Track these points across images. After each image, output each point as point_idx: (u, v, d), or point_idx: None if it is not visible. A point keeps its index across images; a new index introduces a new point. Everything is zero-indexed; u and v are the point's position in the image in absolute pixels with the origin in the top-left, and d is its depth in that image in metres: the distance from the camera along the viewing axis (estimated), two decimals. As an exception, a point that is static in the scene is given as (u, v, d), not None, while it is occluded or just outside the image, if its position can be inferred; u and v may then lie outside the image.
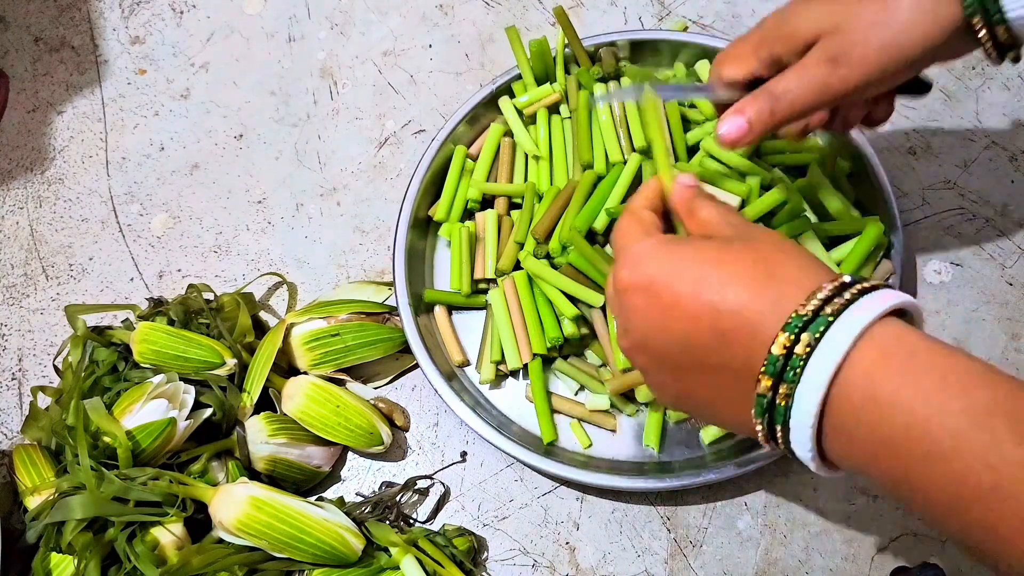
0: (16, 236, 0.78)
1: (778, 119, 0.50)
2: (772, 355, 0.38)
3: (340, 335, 0.66)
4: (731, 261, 0.41)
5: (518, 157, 0.72)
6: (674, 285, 0.42)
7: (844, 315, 0.37)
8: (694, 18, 0.78)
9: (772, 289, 0.39)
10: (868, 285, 0.38)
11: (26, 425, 0.67)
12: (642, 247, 0.44)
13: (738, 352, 0.40)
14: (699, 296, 0.41)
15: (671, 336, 0.42)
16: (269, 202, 0.77)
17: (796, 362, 0.37)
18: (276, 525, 0.57)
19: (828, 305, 0.37)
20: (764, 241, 0.42)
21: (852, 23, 0.47)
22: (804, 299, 0.38)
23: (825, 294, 0.38)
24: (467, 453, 0.66)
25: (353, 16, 0.83)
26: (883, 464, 0.37)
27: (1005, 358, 0.65)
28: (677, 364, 0.43)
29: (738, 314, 0.39)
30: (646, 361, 0.45)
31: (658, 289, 0.42)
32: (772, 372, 0.38)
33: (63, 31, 0.86)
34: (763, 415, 0.39)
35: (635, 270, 0.43)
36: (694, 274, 0.41)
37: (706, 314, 0.40)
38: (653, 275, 0.42)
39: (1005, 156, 0.71)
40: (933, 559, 0.59)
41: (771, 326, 0.38)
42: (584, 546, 0.63)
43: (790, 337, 0.37)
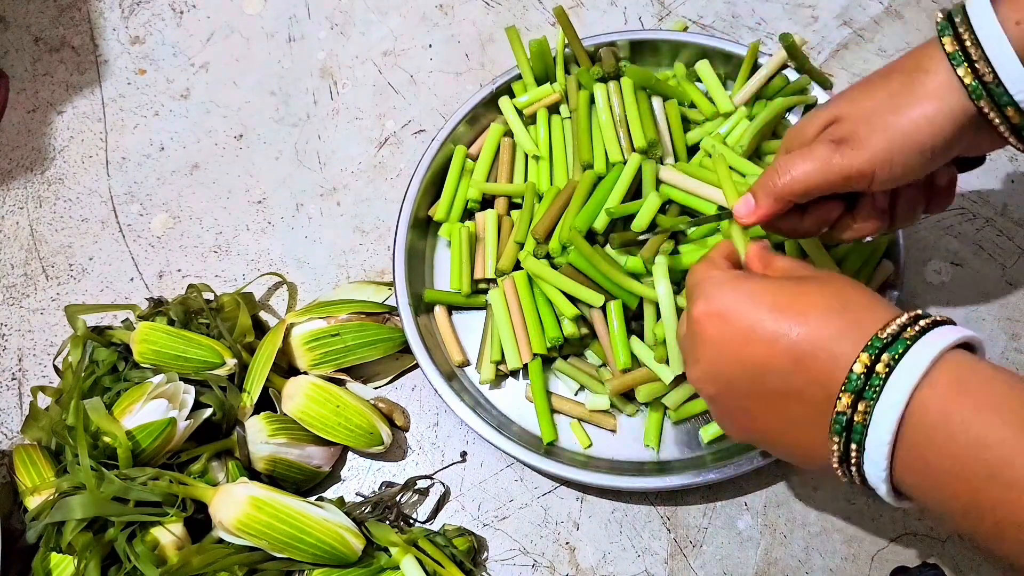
0: (16, 236, 0.78)
1: (781, 194, 0.50)
2: (853, 373, 0.39)
3: (340, 335, 0.66)
4: (806, 293, 0.43)
5: (518, 157, 0.72)
6: (750, 312, 0.43)
7: (921, 340, 0.39)
8: (694, 18, 0.78)
9: (848, 318, 0.41)
10: (940, 318, 0.41)
11: (26, 425, 0.67)
12: (718, 279, 0.46)
13: (814, 377, 0.41)
14: (775, 322, 0.42)
15: (745, 363, 0.43)
16: (269, 202, 0.77)
17: (876, 380, 0.39)
18: (276, 525, 0.57)
19: (906, 331, 0.39)
20: (837, 279, 0.44)
21: (858, 110, 0.48)
22: (881, 326, 0.40)
23: (902, 322, 0.40)
24: (467, 453, 0.66)
25: (353, 16, 0.83)
26: (954, 487, 0.38)
27: (1005, 358, 0.65)
28: (749, 391, 0.44)
29: (815, 340, 0.41)
30: (717, 390, 0.46)
31: (733, 316, 0.44)
32: (852, 389, 0.39)
33: (63, 31, 0.86)
34: (841, 433, 0.40)
35: (711, 300, 0.45)
36: (770, 303, 0.43)
37: (782, 339, 0.42)
38: (728, 303, 0.44)
39: (1005, 156, 0.71)
40: (933, 559, 0.59)
41: (848, 350, 0.40)
42: (584, 546, 0.63)
43: (871, 356, 0.39)
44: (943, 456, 0.37)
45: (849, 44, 0.76)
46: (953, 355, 0.39)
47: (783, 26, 0.77)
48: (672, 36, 0.73)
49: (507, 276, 0.67)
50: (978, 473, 0.36)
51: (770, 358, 0.42)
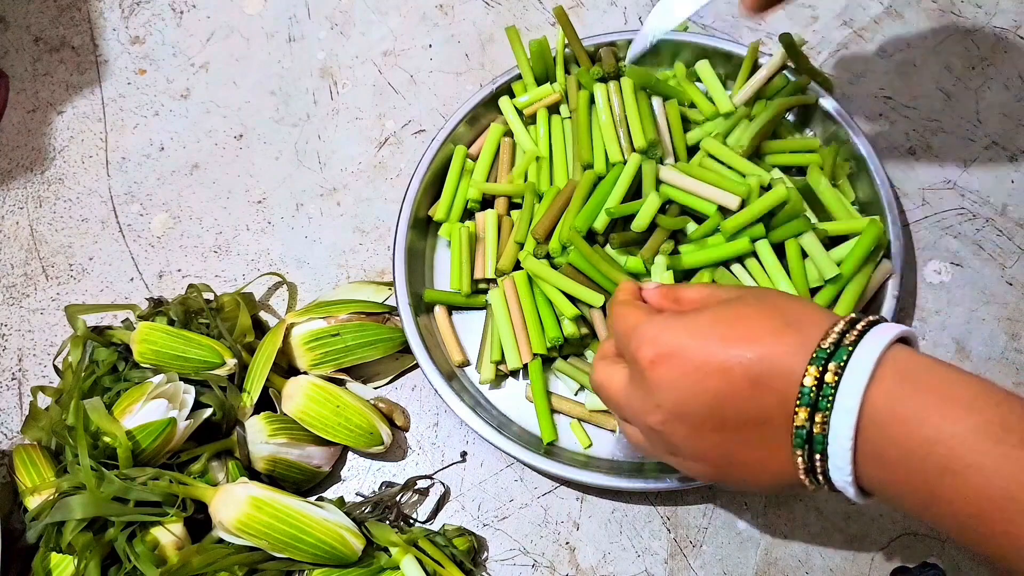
0: (16, 236, 0.78)
1: None
2: (805, 387, 0.40)
3: (340, 335, 0.66)
4: (746, 316, 0.44)
5: (518, 157, 0.72)
6: (700, 347, 0.44)
7: (862, 344, 0.40)
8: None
9: (792, 332, 0.42)
10: (874, 319, 0.42)
11: (26, 425, 0.67)
12: (654, 323, 0.46)
13: (773, 397, 0.42)
14: (727, 351, 0.43)
15: (706, 396, 0.43)
16: (269, 202, 0.77)
17: (827, 390, 0.40)
18: (276, 525, 0.57)
19: (845, 337, 0.41)
20: (767, 294, 0.46)
21: None
22: (823, 336, 0.41)
23: (840, 328, 0.41)
24: (467, 453, 0.66)
25: (353, 16, 0.83)
26: (913, 483, 0.39)
27: (1005, 358, 0.65)
28: (715, 424, 0.44)
29: (768, 359, 0.42)
30: (685, 431, 0.45)
31: (685, 355, 0.44)
32: (807, 403, 0.40)
33: (63, 31, 0.86)
34: (803, 446, 0.41)
35: (656, 344, 0.45)
36: (717, 333, 0.43)
37: (737, 366, 0.42)
38: (674, 342, 0.44)
39: (1005, 156, 0.71)
40: (933, 559, 0.59)
41: (800, 364, 0.41)
42: (584, 546, 0.63)
43: (819, 369, 0.40)
44: (901, 453, 0.39)
45: (849, 44, 0.76)
46: (893, 352, 0.40)
47: (783, 26, 0.77)
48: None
49: (507, 276, 0.67)
50: (933, 468, 0.38)
51: (730, 386, 0.43)
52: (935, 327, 0.66)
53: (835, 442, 0.40)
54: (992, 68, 0.74)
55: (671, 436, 0.46)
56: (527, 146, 0.71)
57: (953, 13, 0.76)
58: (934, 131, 0.72)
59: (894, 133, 0.72)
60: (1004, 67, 0.74)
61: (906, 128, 0.72)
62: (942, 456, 0.37)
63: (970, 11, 0.76)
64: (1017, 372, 0.64)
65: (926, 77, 0.74)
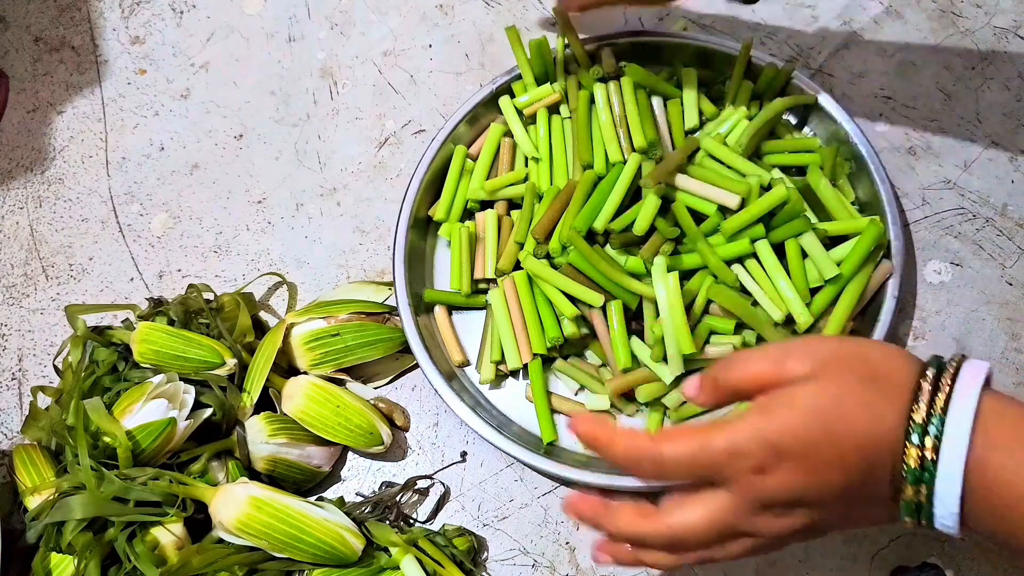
0: (16, 236, 0.78)
1: None
2: (908, 467, 0.41)
3: (340, 335, 0.66)
4: (841, 395, 0.42)
5: (518, 157, 0.72)
6: (811, 448, 0.42)
7: (953, 405, 0.41)
8: (694, 18, 0.78)
9: (889, 401, 0.42)
10: (956, 363, 0.42)
11: (26, 425, 0.67)
12: (743, 434, 0.43)
13: (884, 472, 0.42)
14: (839, 445, 0.42)
15: (831, 488, 0.43)
16: (269, 202, 0.77)
17: (929, 466, 0.41)
18: (276, 525, 0.57)
19: (936, 398, 0.41)
20: (845, 354, 0.44)
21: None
22: (911, 401, 0.41)
23: (929, 388, 0.41)
24: (467, 453, 0.66)
25: (353, 16, 0.83)
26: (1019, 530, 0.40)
27: (1005, 358, 0.65)
28: (836, 505, 0.44)
29: (879, 442, 0.42)
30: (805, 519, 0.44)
31: (797, 455, 0.42)
32: (914, 481, 0.41)
33: (63, 31, 0.86)
34: (913, 514, 0.42)
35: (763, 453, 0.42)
36: (815, 429, 0.42)
37: (851, 454, 0.42)
38: (783, 447, 0.42)
39: (1005, 156, 0.71)
40: (933, 559, 0.59)
41: (898, 435, 0.41)
42: (584, 546, 0.63)
43: (918, 449, 0.41)
44: (1010, 504, 0.40)
45: (849, 44, 0.76)
46: (984, 407, 0.41)
47: (783, 26, 0.77)
48: (672, 36, 0.73)
49: (507, 276, 0.67)
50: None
51: (848, 476, 0.43)
52: (935, 327, 0.66)
53: (941, 507, 0.41)
54: (992, 68, 0.74)
55: (792, 530, 0.45)
56: (527, 147, 0.71)
57: (953, 13, 0.76)
58: (934, 131, 0.72)
59: (894, 133, 0.72)
60: (1004, 67, 0.74)
61: (906, 128, 0.72)
62: None
63: (970, 11, 0.76)
64: (1017, 372, 0.64)
65: (926, 77, 0.74)
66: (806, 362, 0.43)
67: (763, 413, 0.43)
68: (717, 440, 0.43)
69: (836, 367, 0.43)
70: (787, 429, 0.42)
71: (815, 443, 0.42)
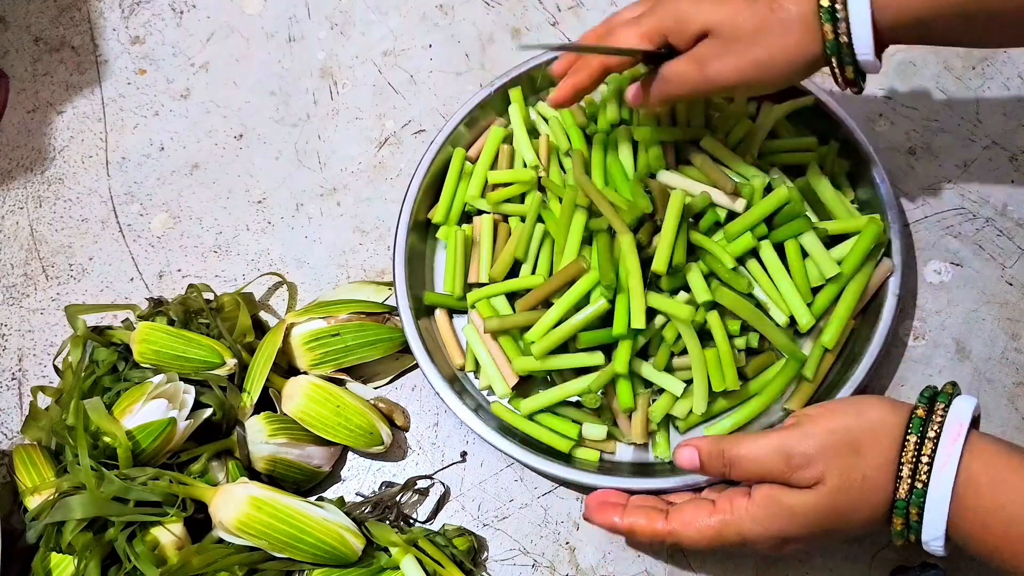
0: (16, 236, 0.78)
1: (663, 98, 0.59)
2: (896, 530, 0.49)
3: (340, 335, 0.66)
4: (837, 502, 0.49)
5: (516, 163, 0.72)
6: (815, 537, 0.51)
7: (932, 483, 0.46)
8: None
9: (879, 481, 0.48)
10: (934, 431, 0.47)
11: (26, 425, 0.67)
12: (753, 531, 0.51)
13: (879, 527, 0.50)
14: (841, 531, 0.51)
15: (827, 546, 0.57)
16: (269, 202, 0.77)
17: (915, 526, 0.48)
18: (276, 525, 0.57)
19: (917, 473, 0.47)
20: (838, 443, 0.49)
21: (732, 32, 0.54)
22: (894, 478, 0.48)
23: (908, 465, 0.47)
24: (467, 453, 0.66)
25: (353, 16, 0.83)
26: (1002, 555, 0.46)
27: (1005, 358, 0.65)
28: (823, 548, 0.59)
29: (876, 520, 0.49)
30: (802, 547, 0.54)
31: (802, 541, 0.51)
32: (900, 537, 0.49)
33: (63, 31, 0.86)
34: (903, 536, 0.49)
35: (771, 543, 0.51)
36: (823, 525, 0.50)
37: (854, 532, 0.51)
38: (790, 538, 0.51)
39: (1005, 156, 0.71)
40: (933, 559, 0.59)
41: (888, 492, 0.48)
42: (584, 546, 0.63)
43: (902, 519, 0.48)
44: (988, 548, 0.46)
45: (849, 44, 0.76)
46: (966, 467, 0.46)
47: (783, 26, 0.77)
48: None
49: (473, 308, 0.66)
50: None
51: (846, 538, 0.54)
52: (935, 327, 0.66)
53: (928, 533, 0.47)
54: (992, 68, 0.74)
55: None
56: (528, 155, 0.70)
57: (953, 13, 0.76)
58: (934, 131, 0.72)
59: (894, 133, 0.72)
60: (1004, 67, 0.74)
61: (906, 128, 0.72)
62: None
63: (970, 11, 0.76)
64: (1017, 372, 0.64)
65: (926, 77, 0.74)
66: (810, 472, 0.49)
67: (767, 509, 0.50)
68: (729, 528, 0.51)
69: (834, 470, 0.49)
70: (792, 528, 0.50)
71: (818, 534, 0.50)
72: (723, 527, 0.51)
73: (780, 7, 0.53)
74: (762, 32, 0.54)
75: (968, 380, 0.64)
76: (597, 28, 0.61)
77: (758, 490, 0.51)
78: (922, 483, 0.46)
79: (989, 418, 0.63)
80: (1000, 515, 0.45)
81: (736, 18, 0.54)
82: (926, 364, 0.65)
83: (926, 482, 0.46)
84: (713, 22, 0.55)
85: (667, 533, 0.53)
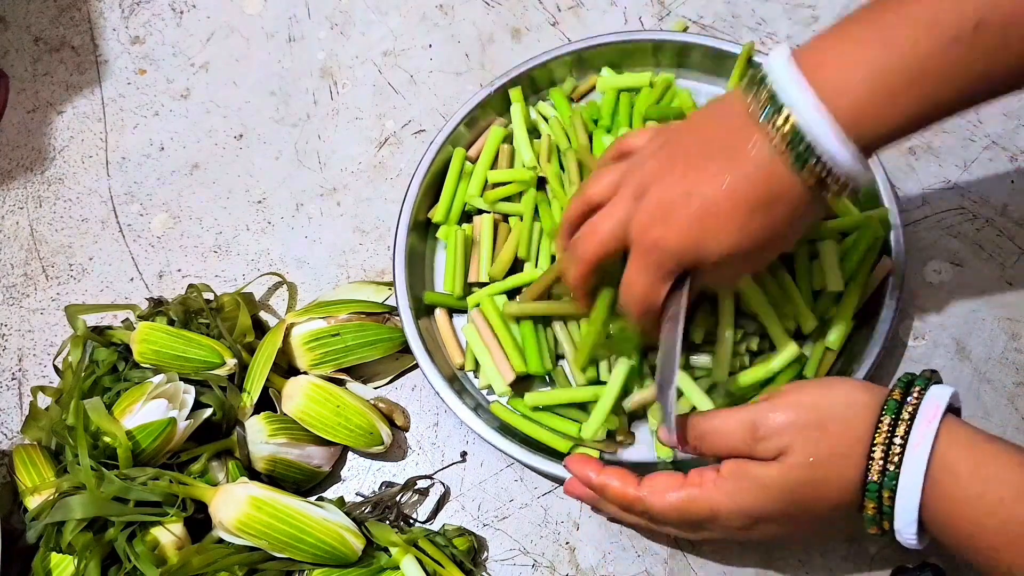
0: (16, 236, 0.78)
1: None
2: (868, 515, 0.48)
3: (340, 335, 0.66)
4: (806, 476, 0.48)
5: (516, 163, 0.72)
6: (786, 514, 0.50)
7: (905, 464, 0.45)
8: (694, 18, 0.78)
9: (850, 461, 0.47)
10: (908, 412, 0.46)
11: (26, 425, 0.67)
12: (723, 504, 0.50)
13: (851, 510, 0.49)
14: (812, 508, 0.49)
15: (798, 531, 0.52)
16: (269, 202, 0.77)
17: (887, 511, 0.47)
18: (276, 525, 0.57)
19: (889, 455, 0.46)
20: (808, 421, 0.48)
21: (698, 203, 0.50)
22: (865, 459, 0.47)
23: (880, 447, 0.46)
24: (467, 453, 0.66)
25: (353, 16, 0.83)
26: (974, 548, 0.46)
27: (1005, 358, 0.65)
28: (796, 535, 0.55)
29: (848, 502, 0.48)
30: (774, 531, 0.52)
31: (773, 520, 0.50)
32: (872, 524, 0.48)
33: (63, 31, 0.86)
34: (874, 523, 0.48)
35: (741, 520, 0.50)
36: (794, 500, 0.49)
37: (825, 512, 0.49)
38: (760, 516, 0.50)
39: (1005, 156, 0.71)
40: (933, 559, 0.59)
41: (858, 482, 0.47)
42: (584, 546, 0.63)
43: (875, 502, 0.47)
44: (960, 535, 0.46)
45: (849, 44, 0.76)
46: (939, 454, 0.45)
47: (783, 26, 0.77)
48: (672, 36, 0.73)
49: (476, 307, 0.67)
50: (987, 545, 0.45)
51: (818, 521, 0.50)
52: (935, 327, 0.66)
53: (901, 520, 0.47)
54: (992, 68, 0.73)
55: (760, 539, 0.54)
56: (528, 156, 0.70)
57: (953, 13, 0.76)
58: (934, 131, 0.72)
59: (894, 133, 0.72)
60: (1004, 67, 0.73)
61: (906, 128, 0.72)
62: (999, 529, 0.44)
63: (970, 11, 0.76)
64: (1017, 372, 0.64)
65: (926, 77, 0.74)
66: (774, 442, 0.49)
67: (735, 482, 0.50)
68: (697, 501, 0.50)
69: (800, 443, 0.48)
70: (759, 504, 0.49)
71: (787, 511, 0.49)
72: (691, 500, 0.50)
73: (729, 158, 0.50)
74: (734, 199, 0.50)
75: (968, 380, 0.64)
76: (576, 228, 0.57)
77: (726, 464, 0.50)
78: (894, 464, 0.45)
79: (989, 418, 0.63)
80: (977, 504, 0.44)
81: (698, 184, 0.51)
82: (926, 364, 0.65)
83: (898, 463, 0.45)
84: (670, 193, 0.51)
85: (636, 499, 0.52)
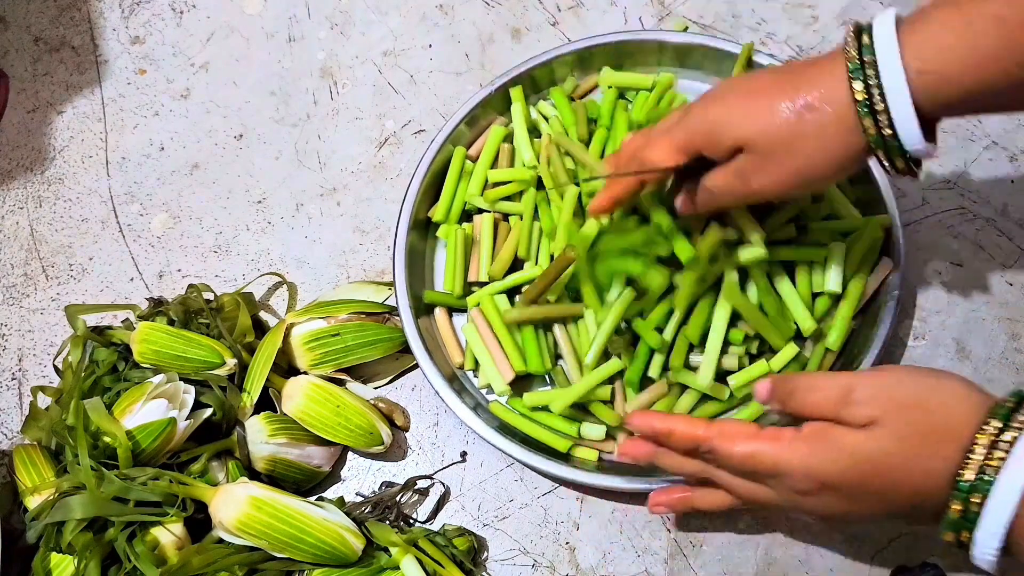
0: (16, 236, 0.78)
1: (710, 208, 0.57)
2: (950, 518, 0.44)
3: (340, 335, 0.66)
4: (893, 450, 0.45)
5: (516, 162, 0.72)
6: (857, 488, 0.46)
7: (1007, 469, 0.42)
8: (694, 18, 0.78)
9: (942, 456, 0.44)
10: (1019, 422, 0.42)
11: (26, 425, 0.67)
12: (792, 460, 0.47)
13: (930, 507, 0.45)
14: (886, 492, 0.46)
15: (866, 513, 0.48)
16: (269, 202, 0.77)
17: (973, 517, 0.43)
18: (276, 525, 0.57)
19: (991, 457, 0.42)
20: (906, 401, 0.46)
21: (767, 146, 0.51)
22: (962, 454, 0.43)
23: (982, 447, 0.43)
24: (467, 453, 0.66)
25: (353, 16, 0.83)
26: None
27: (1005, 358, 0.65)
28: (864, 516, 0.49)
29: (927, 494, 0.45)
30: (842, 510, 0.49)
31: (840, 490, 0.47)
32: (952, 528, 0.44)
33: (63, 31, 0.86)
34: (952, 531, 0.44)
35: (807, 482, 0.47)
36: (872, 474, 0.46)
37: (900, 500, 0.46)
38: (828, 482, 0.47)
39: (1005, 156, 0.71)
40: (933, 559, 0.59)
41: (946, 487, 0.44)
42: (584, 546, 0.63)
43: (959, 505, 0.43)
44: None
45: (849, 44, 0.76)
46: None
47: (783, 26, 0.77)
48: (672, 36, 0.73)
49: (476, 307, 0.67)
50: None
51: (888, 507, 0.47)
52: (935, 327, 0.66)
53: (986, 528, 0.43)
54: (992, 68, 0.74)
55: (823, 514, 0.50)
56: (528, 155, 0.70)
57: (953, 13, 0.76)
58: (934, 131, 0.72)
59: (894, 133, 0.72)
60: (1004, 67, 0.73)
61: (906, 128, 0.72)
62: None
63: (970, 11, 0.76)
64: (1017, 372, 0.64)
65: (926, 77, 0.74)
66: (867, 409, 0.46)
67: (814, 443, 0.47)
68: (767, 454, 0.48)
69: (895, 416, 0.45)
70: (835, 470, 0.46)
71: (861, 485, 0.46)
72: (760, 451, 0.48)
73: (813, 108, 0.50)
74: (798, 139, 0.50)
75: (968, 380, 0.64)
76: (635, 138, 0.59)
77: (808, 425, 0.48)
78: (993, 469, 0.42)
79: (989, 418, 0.63)
80: None
81: (769, 130, 0.51)
82: (926, 364, 0.65)
83: (996, 470, 0.42)
84: (746, 137, 0.52)
85: (705, 438, 0.50)
